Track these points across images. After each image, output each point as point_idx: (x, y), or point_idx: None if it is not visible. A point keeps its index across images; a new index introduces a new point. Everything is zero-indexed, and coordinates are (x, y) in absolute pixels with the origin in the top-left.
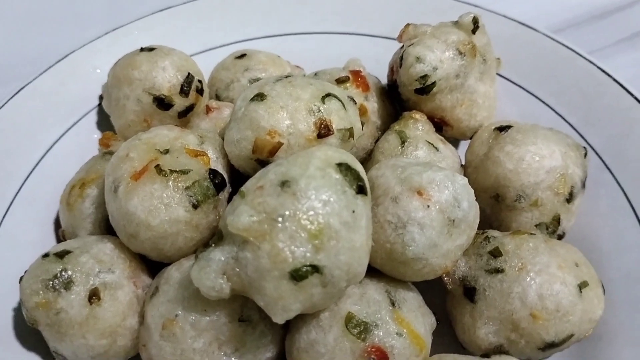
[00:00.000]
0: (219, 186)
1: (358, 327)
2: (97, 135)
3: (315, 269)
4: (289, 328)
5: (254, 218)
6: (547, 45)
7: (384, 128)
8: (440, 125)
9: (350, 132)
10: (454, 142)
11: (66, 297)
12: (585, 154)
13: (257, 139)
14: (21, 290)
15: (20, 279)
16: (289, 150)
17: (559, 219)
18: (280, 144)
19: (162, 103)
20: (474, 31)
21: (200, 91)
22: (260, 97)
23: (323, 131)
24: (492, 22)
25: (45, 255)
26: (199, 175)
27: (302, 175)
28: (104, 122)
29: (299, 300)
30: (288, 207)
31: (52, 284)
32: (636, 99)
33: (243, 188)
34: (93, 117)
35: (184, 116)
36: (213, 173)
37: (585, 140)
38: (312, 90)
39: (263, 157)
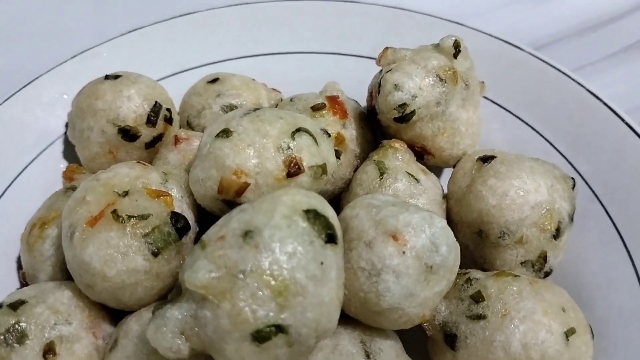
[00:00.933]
0: (181, 230)
1: None
2: (63, 165)
3: (280, 328)
4: None
5: (213, 274)
6: (533, 65)
7: (364, 156)
8: (421, 153)
9: (322, 168)
10: (437, 169)
11: (20, 353)
12: (574, 186)
13: (223, 178)
14: None
15: None
16: (256, 190)
17: (546, 256)
18: (247, 185)
19: (128, 134)
20: (455, 55)
21: (169, 120)
22: (225, 133)
23: (293, 170)
24: (475, 40)
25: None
26: (160, 219)
27: (267, 225)
28: (71, 151)
29: None
30: (250, 261)
31: (5, 338)
32: (626, 123)
33: (204, 237)
34: (59, 146)
35: (152, 146)
36: (175, 217)
37: (575, 168)
38: (281, 125)
39: (229, 197)
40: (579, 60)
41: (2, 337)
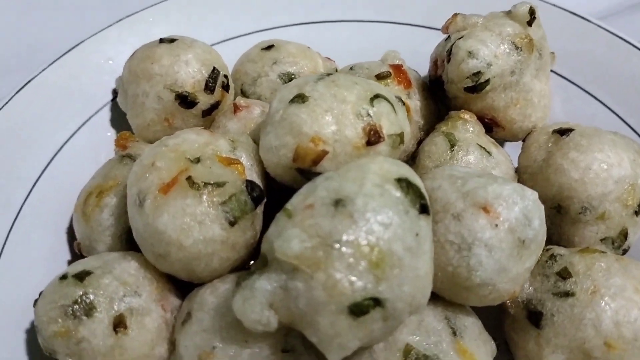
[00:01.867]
0: (257, 200)
1: None
2: (111, 133)
3: (377, 302)
4: None
5: (306, 244)
6: (601, 37)
7: (427, 128)
8: (490, 126)
9: (400, 137)
10: (500, 143)
11: (88, 325)
12: None
13: (299, 146)
14: (36, 316)
15: (35, 302)
16: (334, 159)
17: (627, 233)
18: (325, 153)
19: (185, 101)
20: (529, 23)
21: (226, 87)
22: (301, 98)
23: (373, 138)
24: (541, 12)
25: (63, 277)
26: (235, 187)
27: (358, 193)
28: (119, 119)
29: (357, 337)
30: (344, 230)
31: (72, 310)
32: None
33: (288, 206)
34: (107, 113)
35: (209, 114)
36: (250, 185)
37: None
38: (359, 91)
39: (305, 166)
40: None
41: (69, 310)
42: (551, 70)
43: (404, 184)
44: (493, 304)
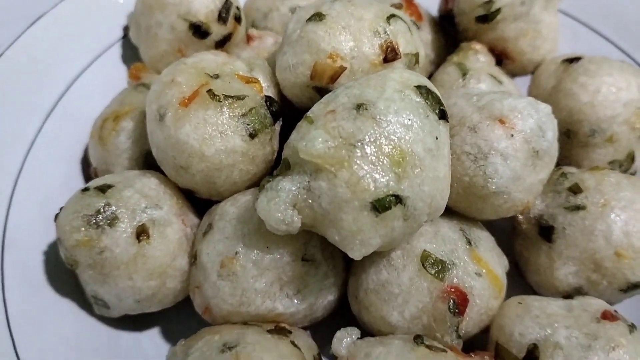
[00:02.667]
0: (275, 115)
1: (435, 266)
2: (123, 68)
3: (399, 199)
4: (352, 270)
5: (330, 143)
6: None
7: (438, 62)
8: (500, 58)
9: (416, 57)
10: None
11: (111, 235)
12: None
13: (317, 63)
14: (59, 227)
15: (56, 216)
16: (351, 76)
17: (634, 156)
18: (343, 69)
19: (199, 31)
20: None
21: (238, 19)
22: (318, 16)
23: (390, 55)
24: None
25: (85, 190)
26: (255, 102)
27: (380, 97)
28: (129, 55)
29: (379, 234)
30: (367, 131)
31: (95, 220)
32: None
33: (310, 114)
34: (117, 49)
35: (221, 46)
36: (269, 100)
37: None
38: (376, 10)
39: (323, 84)
40: None
41: (92, 219)
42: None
43: (424, 90)
44: (506, 215)
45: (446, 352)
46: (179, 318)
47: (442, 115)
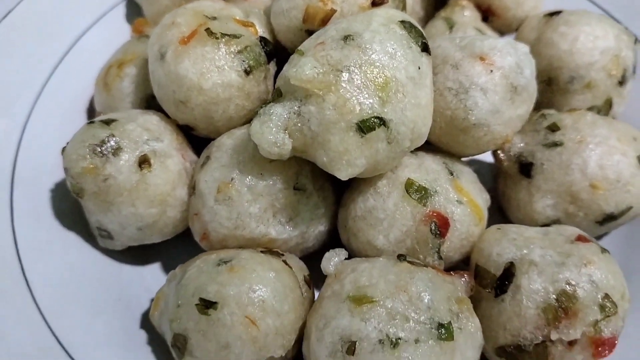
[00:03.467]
0: (270, 54)
1: (418, 193)
2: (126, 27)
3: (382, 121)
4: (342, 202)
5: (318, 70)
6: None
7: (426, 20)
8: (486, 15)
9: (403, 3)
10: None
11: (115, 163)
12: (636, 41)
13: (309, 6)
14: (66, 157)
15: (63, 149)
16: (341, 18)
17: (611, 102)
18: (333, 11)
19: None
20: None
21: None
22: None
23: None
24: None
25: (91, 122)
26: (250, 41)
27: (366, 29)
28: (133, 13)
29: (364, 155)
30: (353, 58)
31: (100, 149)
32: None
33: (301, 47)
34: (122, 8)
35: None
36: (264, 40)
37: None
38: None
39: (314, 26)
40: None
41: (98, 149)
42: None
43: (407, 24)
44: (487, 149)
45: (426, 267)
46: (179, 252)
47: (425, 48)
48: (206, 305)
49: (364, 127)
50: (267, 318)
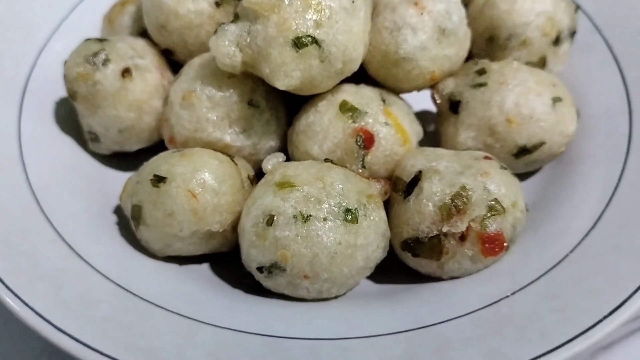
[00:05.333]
0: None
1: (350, 112)
2: None
3: (315, 40)
4: (292, 123)
5: None
6: None
7: None
8: None
9: None
10: None
11: (103, 71)
12: (577, 9)
13: None
14: (65, 65)
15: (65, 61)
16: None
17: (545, 59)
18: None
19: None
20: None
21: None
22: None
23: None
24: None
25: (88, 39)
26: None
27: None
28: None
29: (298, 68)
30: None
31: (93, 59)
32: None
33: None
34: None
35: None
36: None
37: (581, 8)
38: None
39: None
40: None
41: (90, 59)
42: None
43: None
44: (417, 83)
45: (346, 168)
46: None
47: None
48: (158, 180)
49: (298, 43)
50: (206, 194)
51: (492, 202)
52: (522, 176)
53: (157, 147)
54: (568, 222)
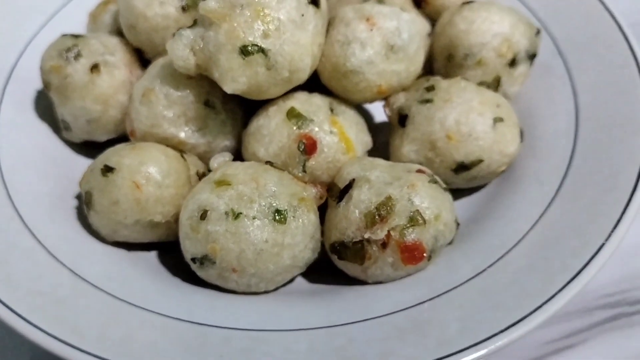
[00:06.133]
0: None
1: (296, 118)
2: None
3: (261, 50)
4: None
5: (220, 3)
6: None
7: None
8: (419, 2)
9: None
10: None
11: (74, 65)
12: (537, 33)
13: None
14: (41, 59)
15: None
16: None
17: (499, 79)
18: None
19: None
20: None
21: None
22: None
23: None
24: None
25: (64, 35)
26: None
27: None
28: None
29: (245, 74)
30: None
31: (66, 54)
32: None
33: None
34: None
35: None
36: None
37: (549, 33)
38: None
39: None
40: None
41: (64, 53)
42: None
43: None
44: (365, 96)
45: (284, 172)
46: None
47: (313, 2)
48: (107, 170)
49: (245, 51)
50: (150, 186)
51: (413, 213)
52: (467, 191)
53: (126, 138)
54: (495, 238)
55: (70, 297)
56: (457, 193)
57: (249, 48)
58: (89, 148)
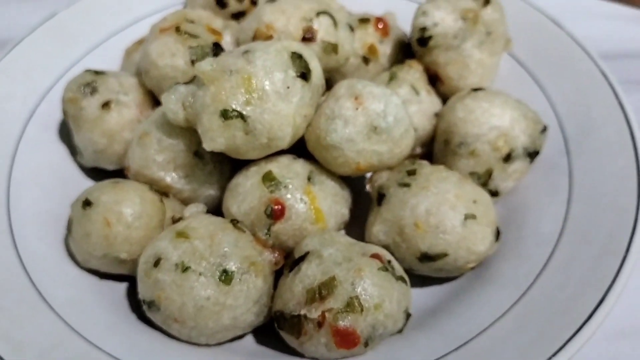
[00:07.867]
0: (216, 55)
1: (271, 182)
2: None
3: (241, 115)
4: None
5: (213, 67)
6: (561, 39)
7: None
8: (434, 79)
9: (334, 47)
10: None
11: (88, 100)
12: (543, 131)
13: (258, 29)
14: (64, 88)
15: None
16: None
17: (491, 173)
18: (271, 37)
19: (221, 2)
20: (485, 4)
21: (254, 2)
22: (272, 0)
23: (307, 35)
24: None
25: (88, 70)
26: (205, 42)
27: (261, 50)
28: None
29: (223, 136)
30: (239, 65)
31: (84, 88)
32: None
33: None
34: None
35: (237, 19)
36: (216, 46)
37: (562, 128)
38: (313, 5)
39: None
40: None
41: (82, 87)
42: (516, 59)
43: (296, 55)
44: (344, 170)
45: (245, 233)
46: None
47: (302, 76)
48: (86, 203)
49: (224, 115)
50: (120, 225)
51: (351, 299)
52: (438, 280)
53: None
54: (451, 332)
55: (27, 316)
56: (428, 280)
57: (230, 113)
58: (99, 173)
